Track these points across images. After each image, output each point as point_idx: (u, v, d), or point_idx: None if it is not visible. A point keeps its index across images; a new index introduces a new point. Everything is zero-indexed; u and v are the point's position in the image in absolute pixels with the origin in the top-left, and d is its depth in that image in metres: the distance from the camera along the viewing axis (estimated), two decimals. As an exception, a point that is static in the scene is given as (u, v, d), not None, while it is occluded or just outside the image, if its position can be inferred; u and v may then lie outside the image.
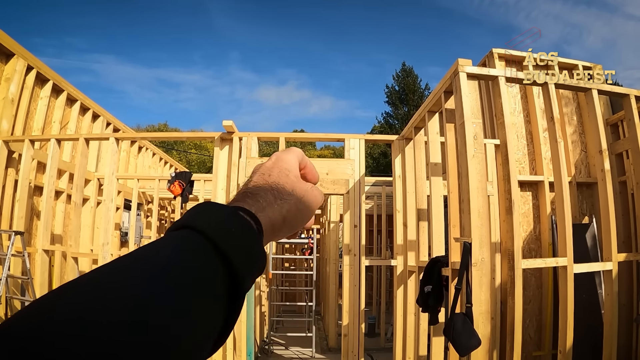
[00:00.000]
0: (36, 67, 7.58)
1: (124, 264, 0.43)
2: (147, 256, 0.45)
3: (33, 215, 7.56)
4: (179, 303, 0.40)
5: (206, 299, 0.44)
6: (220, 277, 0.46)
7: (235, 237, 0.50)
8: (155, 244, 0.47)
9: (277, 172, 0.66)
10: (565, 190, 4.23)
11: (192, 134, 6.68)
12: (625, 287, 6.18)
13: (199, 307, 0.43)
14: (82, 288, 0.39)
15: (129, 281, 0.40)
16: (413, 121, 5.55)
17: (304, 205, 0.67)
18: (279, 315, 12.70)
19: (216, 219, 0.51)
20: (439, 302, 4.32)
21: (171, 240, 0.48)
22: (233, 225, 0.51)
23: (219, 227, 0.49)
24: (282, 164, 0.68)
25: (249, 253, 0.51)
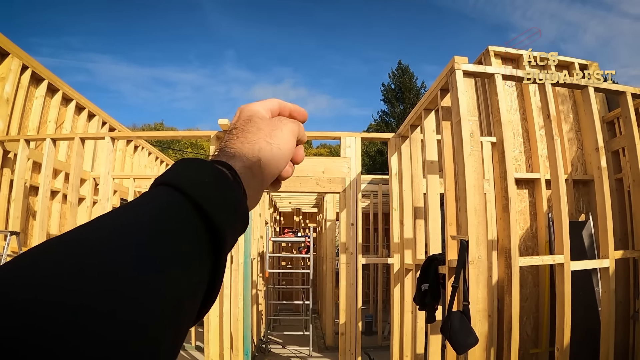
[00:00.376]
0: (31, 67, 7.55)
1: (102, 227, 0.40)
2: (123, 212, 0.43)
3: (29, 215, 7.54)
4: (154, 266, 0.38)
5: (185, 252, 0.42)
6: (198, 230, 0.45)
7: (207, 185, 0.48)
8: (132, 202, 0.45)
9: (240, 121, 0.65)
10: (562, 187, 4.23)
11: (188, 133, 6.65)
12: (622, 284, 6.19)
13: (178, 268, 0.40)
14: (55, 252, 0.36)
15: (101, 244, 0.37)
16: (409, 119, 5.54)
17: (277, 139, 0.65)
18: (276, 314, 12.70)
19: (187, 171, 0.49)
20: (435, 300, 4.32)
21: (143, 199, 0.46)
22: (205, 176, 0.49)
23: (189, 178, 0.48)
24: (244, 113, 0.66)
25: (225, 199, 0.49)
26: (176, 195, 0.46)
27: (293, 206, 15.01)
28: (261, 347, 9.55)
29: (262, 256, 10.12)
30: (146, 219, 0.42)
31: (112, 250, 0.37)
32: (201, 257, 0.44)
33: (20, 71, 7.34)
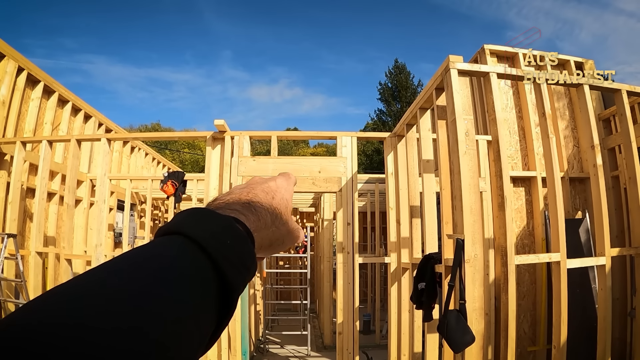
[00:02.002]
0: (27, 69, 7.54)
1: (120, 267, 0.43)
2: (143, 261, 0.45)
3: (26, 217, 7.53)
4: (174, 310, 0.41)
5: (200, 306, 0.45)
6: (214, 287, 0.47)
7: (231, 250, 0.50)
8: (150, 249, 0.47)
9: (279, 198, 0.67)
10: (558, 185, 4.24)
11: (184, 134, 6.64)
12: (619, 281, 6.20)
13: (193, 313, 0.43)
14: (76, 290, 0.39)
15: (126, 284, 0.40)
16: (405, 118, 5.55)
17: (289, 239, 0.68)
18: (274, 313, 12.70)
19: (212, 229, 0.50)
20: (432, 299, 4.33)
21: (166, 246, 0.48)
22: (229, 238, 0.51)
23: (214, 237, 0.49)
24: (284, 193, 0.69)
25: (243, 267, 0.51)
26: (198, 252, 0.48)
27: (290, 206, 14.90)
28: (259, 346, 9.55)
29: (259, 256, 10.09)
30: (169, 270, 0.45)
31: (144, 309, 0.39)
32: (213, 308, 0.48)
33: (16, 73, 7.34)
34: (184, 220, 0.51)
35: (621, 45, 78.35)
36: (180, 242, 0.48)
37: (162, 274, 0.43)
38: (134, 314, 0.38)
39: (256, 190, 0.66)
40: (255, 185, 0.68)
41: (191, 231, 0.49)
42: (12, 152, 6.85)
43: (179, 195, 8.23)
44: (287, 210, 0.68)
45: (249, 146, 5.90)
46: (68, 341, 0.33)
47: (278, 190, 0.69)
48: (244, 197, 0.63)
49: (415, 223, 5.35)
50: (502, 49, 6.76)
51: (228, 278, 0.48)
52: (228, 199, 0.62)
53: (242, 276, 0.51)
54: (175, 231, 0.50)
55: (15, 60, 7.29)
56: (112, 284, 0.40)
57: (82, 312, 0.36)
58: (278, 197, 0.67)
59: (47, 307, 0.37)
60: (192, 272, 0.45)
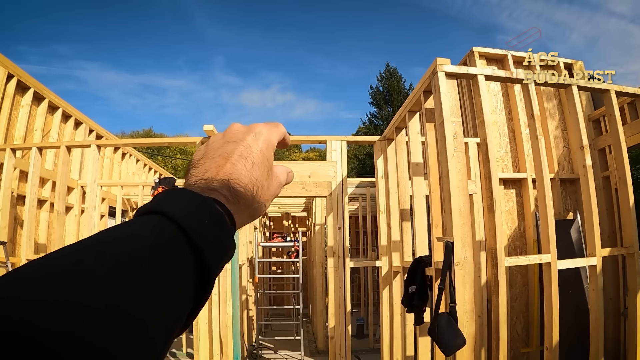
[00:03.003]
0: (17, 75, 7.51)
1: (97, 245, 0.43)
2: (121, 239, 0.45)
3: (17, 224, 7.48)
4: (151, 288, 0.41)
5: (178, 285, 0.45)
6: (192, 266, 0.47)
7: (208, 230, 0.50)
8: (128, 228, 0.47)
9: (259, 162, 0.63)
10: (547, 186, 4.24)
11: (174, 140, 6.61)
12: (612, 280, 6.22)
13: (170, 293, 0.43)
14: (52, 267, 0.39)
15: (104, 263, 0.40)
16: (394, 121, 5.54)
17: (268, 205, 0.67)
18: (267, 319, 12.66)
19: (189, 208, 0.50)
20: (423, 302, 4.31)
21: (144, 225, 0.48)
22: (207, 218, 0.51)
23: (192, 217, 0.49)
24: (265, 151, 0.65)
25: (221, 247, 0.51)
26: (177, 231, 0.48)
27: (282, 211, 14.95)
28: (253, 352, 9.51)
29: (251, 262, 10.09)
30: (147, 248, 0.44)
31: (121, 277, 0.40)
32: (190, 288, 0.47)
33: (6, 80, 7.30)
34: (163, 200, 0.52)
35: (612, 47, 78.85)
36: (158, 221, 0.48)
37: (139, 252, 0.43)
38: (111, 292, 0.37)
39: (234, 157, 0.62)
40: (234, 145, 0.64)
41: (170, 211, 0.49)
42: (1, 159, 6.79)
43: (170, 201, 8.17)
44: (268, 170, 0.65)
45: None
46: (39, 318, 0.33)
47: (257, 148, 0.64)
48: (221, 172, 0.60)
49: (405, 226, 5.33)
50: (491, 51, 6.77)
51: (205, 258, 0.48)
52: (205, 170, 0.61)
53: (220, 256, 0.51)
54: (154, 210, 0.50)
55: (5, 66, 7.25)
56: (88, 263, 0.40)
57: (58, 289, 0.36)
58: (258, 160, 0.63)
59: (20, 283, 0.36)
60: (170, 251, 0.46)
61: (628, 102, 6.08)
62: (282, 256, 14.64)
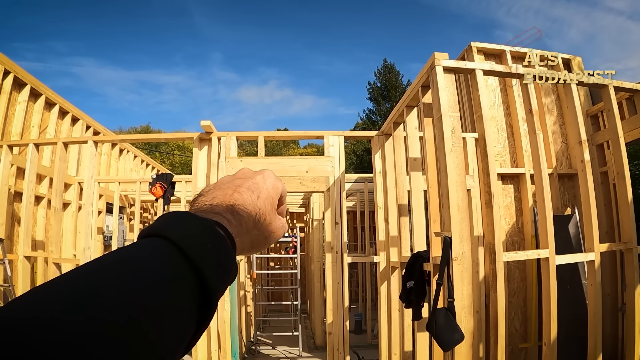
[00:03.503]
0: (13, 72, 7.47)
1: (100, 268, 0.44)
2: (123, 262, 0.46)
3: (14, 221, 7.45)
4: (150, 311, 0.41)
5: (180, 308, 0.46)
6: (193, 288, 0.48)
7: (209, 252, 0.51)
8: (130, 251, 0.48)
9: (264, 197, 0.67)
10: (545, 182, 4.23)
11: (171, 135, 6.58)
12: (610, 276, 6.21)
13: (173, 316, 0.44)
14: (60, 288, 0.40)
15: (106, 281, 0.41)
16: (392, 116, 5.53)
17: (270, 240, 0.69)
18: (265, 315, 12.65)
19: (190, 231, 0.52)
20: (421, 298, 4.31)
21: (145, 248, 0.49)
22: (209, 241, 0.52)
23: (193, 239, 0.50)
24: (271, 191, 0.69)
25: (222, 269, 0.52)
26: (177, 254, 0.48)
27: (280, 206, 14.89)
28: (251, 348, 9.51)
29: (249, 257, 10.08)
30: (149, 273, 0.45)
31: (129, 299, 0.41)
32: (193, 311, 0.48)
33: (2, 76, 7.27)
34: (166, 223, 0.52)
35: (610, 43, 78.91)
36: (160, 244, 0.49)
37: (140, 276, 0.44)
38: (113, 313, 0.38)
39: (242, 189, 0.66)
40: (242, 180, 0.68)
41: (172, 234, 0.50)
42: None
43: (168, 197, 8.16)
44: (272, 208, 0.69)
45: (236, 147, 5.86)
46: (41, 333, 0.34)
47: (264, 187, 0.68)
48: (227, 199, 0.63)
49: (403, 222, 5.32)
50: (489, 46, 6.76)
51: (207, 280, 0.49)
52: (212, 198, 0.63)
53: (222, 279, 0.52)
54: (157, 234, 0.50)
55: (1, 63, 7.21)
56: (89, 286, 0.41)
57: (58, 310, 0.37)
58: (263, 195, 0.67)
59: (26, 304, 0.38)
60: (170, 274, 0.46)
61: (626, 98, 6.06)
62: (280, 252, 14.60)
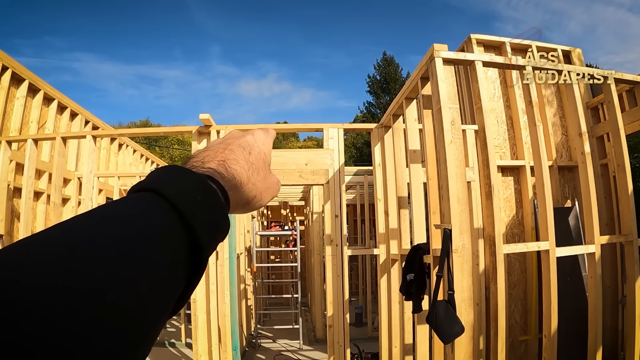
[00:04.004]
0: (11, 67, 7.44)
1: (88, 224, 0.43)
2: (110, 216, 0.45)
3: (14, 217, 7.44)
4: (142, 268, 0.41)
5: (168, 263, 0.45)
6: (183, 244, 0.47)
7: (201, 207, 0.50)
8: (120, 206, 0.47)
9: (256, 153, 0.67)
10: (545, 173, 4.22)
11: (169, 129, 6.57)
12: (610, 268, 6.21)
13: (160, 272, 0.43)
14: (42, 245, 0.39)
15: (95, 240, 0.40)
16: (391, 109, 5.50)
17: (267, 195, 0.69)
18: (265, 308, 12.67)
19: (182, 185, 0.51)
20: (421, 290, 4.30)
21: (135, 203, 0.48)
22: (201, 196, 0.51)
23: (184, 194, 0.49)
24: (261, 147, 0.69)
25: (215, 226, 0.52)
26: (168, 209, 0.48)
27: (280, 199, 14.93)
28: (252, 341, 9.52)
29: (249, 251, 10.09)
30: (140, 226, 0.45)
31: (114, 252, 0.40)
32: (183, 266, 0.47)
33: (0, 72, 7.24)
34: (156, 177, 0.52)
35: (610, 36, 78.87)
36: (150, 199, 0.48)
37: (130, 231, 0.43)
38: (101, 273, 0.37)
39: (233, 146, 0.66)
40: (233, 139, 0.68)
41: (163, 189, 0.49)
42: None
43: (167, 191, 8.15)
44: (265, 164, 0.69)
45: (235, 140, 5.81)
46: (27, 297, 0.33)
47: (255, 144, 0.68)
48: (219, 155, 0.63)
49: (403, 214, 5.30)
50: (489, 38, 6.72)
51: (198, 236, 0.48)
52: (204, 157, 0.62)
53: (213, 235, 0.51)
54: (147, 188, 0.50)
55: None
56: (80, 242, 0.40)
57: (45, 269, 0.35)
58: (255, 151, 0.67)
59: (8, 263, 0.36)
60: (160, 229, 0.45)
61: (627, 90, 6.04)
62: (280, 245, 14.61)
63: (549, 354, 4.13)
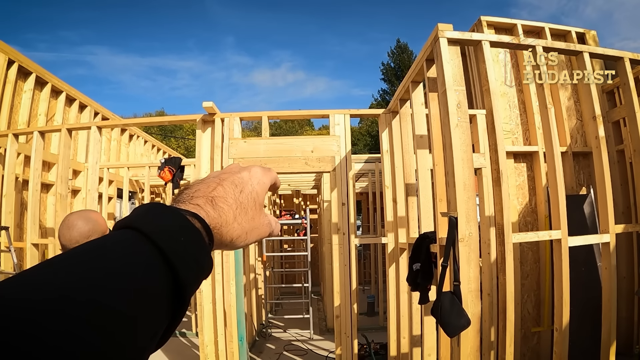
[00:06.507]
0: (17, 61, 7.48)
1: (69, 261, 0.43)
2: (90, 252, 0.45)
3: (23, 209, 7.49)
4: (124, 308, 0.41)
5: (150, 302, 0.45)
6: (165, 283, 0.47)
7: (184, 246, 0.50)
8: (100, 242, 0.47)
9: (247, 192, 0.67)
10: (557, 158, 4.05)
11: (173, 118, 6.47)
12: (626, 258, 6.04)
13: (144, 312, 0.44)
14: (22, 281, 0.40)
15: (77, 283, 0.40)
16: (398, 93, 5.33)
17: (253, 235, 0.68)
18: (277, 297, 12.64)
19: (167, 225, 0.51)
20: (428, 280, 4.16)
21: (117, 241, 0.48)
22: (184, 235, 0.51)
23: (167, 233, 0.50)
24: (256, 186, 0.69)
25: (197, 264, 0.52)
26: (151, 248, 0.48)
27: (292, 188, 14.90)
28: (262, 331, 9.49)
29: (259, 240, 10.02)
30: (122, 268, 0.44)
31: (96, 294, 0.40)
32: (165, 306, 0.48)
33: (7, 66, 7.27)
34: (140, 215, 0.52)
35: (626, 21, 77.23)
36: (132, 237, 0.49)
37: (109, 269, 0.43)
38: (78, 308, 0.38)
39: (225, 183, 0.65)
40: (228, 175, 0.68)
41: (145, 226, 0.49)
42: (5, 145, 6.76)
43: (177, 181, 8.17)
44: (256, 204, 0.68)
45: (239, 128, 5.72)
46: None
47: (249, 182, 0.68)
48: (209, 192, 0.62)
49: (411, 201, 5.15)
50: (499, 20, 6.54)
51: (179, 274, 0.48)
52: (195, 191, 0.63)
53: (194, 273, 0.51)
54: (132, 226, 0.50)
55: (5, 53, 7.23)
56: (58, 279, 0.40)
57: (23, 302, 0.37)
58: (247, 190, 0.67)
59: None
60: (142, 268, 0.45)
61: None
62: (293, 234, 14.55)
63: (560, 347, 3.99)
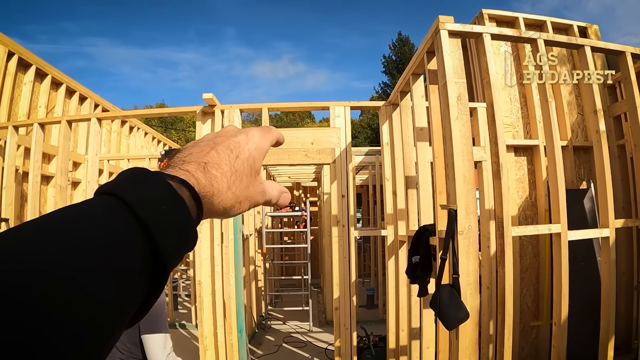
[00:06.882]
0: (17, 53, 7.45)
1: (43, 227, 0.41)
2: (68, 218, 0.43)
3: (23, 201, 7.49)
4: (98, 279, 0.39)
5: (122, 275, 0.42)
6: (143, 254, 0.45)
7: (165, 216, 0.47)
8: (78, 207, 0.45)
9: (244, 158, 0.63)
10: (557, 151, 4.04)
11: (173, 110, 6.45)
12: (625, 254, 6.03)
13: (118, 284, 0.41)
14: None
15: (44, 247, 0.38)
16: (399, 85, 5.32)
17: (245, 206, 0.64)
18: (277, 290, 12.67)
19: (149, 193, 0.48)
20: (427, 273, 4.16)
21: (95, 206, 0.45)
22: (167, 204, 0.48)
23: (148, 201, 0.47)
24: (253, 152, 0.65)
25: (180, 234, 0.49)
26: (129, 216, 0.45)
27: (293, 180, 14.93)
28: (262, 323, 9.52)
29: (259, 232, 10.06)
30: (98, 235, 0.42)
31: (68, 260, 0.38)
32: (142, 278, 0.45)
33: (6, 58, 7.25)
34: (122, 181, 0.49)
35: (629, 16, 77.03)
36: (110, 203, 0.46)
37: (84, 237, 0.41)
38: (49, 281, 0.36)
39: (220, 147, 0.61)
40: (223, 138, 0.63)
41: (125, 193, 0.46)
42: (5, 137, 6.76)
43: (177, 173, 8.14)
44: (252, 171, 0.64)
45: (240, 119, 5.71)
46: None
47: (246, 147, 0.64)
48: (202, 157, 0.59)
49: (411, 194, 5.14)
50: (501, 13, 6.51)
51: (159, 246, 0.45)
52: (187, 155, 0.59)
53: (176, 245, 0.48)
54: (113, 192, 0.47)
55: (5, 44, 7.20)
56: (31, 246, 0.38)
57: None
58: (243, 156, 0.63)
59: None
60: (120, 243, 0.43)
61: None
62: (293, 226, 14.57)
63: (559, 342, 3.99)
